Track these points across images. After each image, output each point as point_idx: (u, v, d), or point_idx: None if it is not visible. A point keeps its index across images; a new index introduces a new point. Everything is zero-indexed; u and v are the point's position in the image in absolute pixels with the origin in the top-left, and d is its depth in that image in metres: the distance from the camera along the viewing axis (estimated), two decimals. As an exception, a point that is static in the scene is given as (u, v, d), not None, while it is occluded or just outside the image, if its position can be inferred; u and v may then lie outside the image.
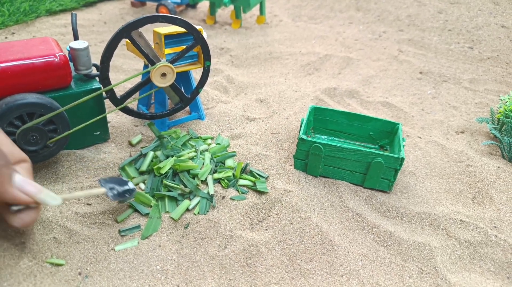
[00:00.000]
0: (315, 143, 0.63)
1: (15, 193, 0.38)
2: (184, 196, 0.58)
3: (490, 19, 1.52)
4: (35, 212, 0.40)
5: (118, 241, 0.52)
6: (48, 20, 1.40)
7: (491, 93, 1.05)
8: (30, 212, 0.40)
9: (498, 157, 0.77)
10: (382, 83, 1.08)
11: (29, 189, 0.38)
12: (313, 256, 0.52)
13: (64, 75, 0.59)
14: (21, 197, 0.38)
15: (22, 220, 0.39)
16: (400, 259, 0.54)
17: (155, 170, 0.60)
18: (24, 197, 0.38)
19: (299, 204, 0.59)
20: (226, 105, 0.88)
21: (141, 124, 0.77)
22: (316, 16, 1.71)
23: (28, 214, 0.40)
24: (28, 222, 0.40)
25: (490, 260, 0.55)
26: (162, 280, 0.47)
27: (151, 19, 0.61)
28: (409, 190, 0.66)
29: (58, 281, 0.45)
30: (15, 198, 0.38)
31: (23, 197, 0.38)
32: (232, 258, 0.51)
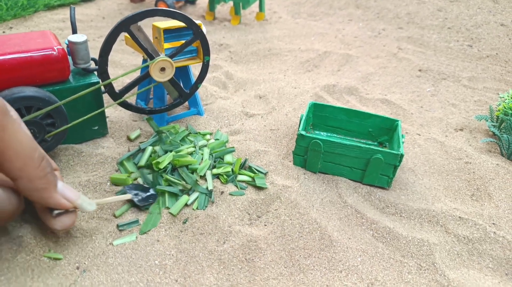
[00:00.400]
0: (314, 139, 0.63)
1: (59, 199, 0.41)
2: (184, 191, 0.58)
3: (489, 17, 1.52)
4: (73, 215, 0.44)
5: (116, 236, 0.51)
6: (46, 14, 1.39)
7: (490, 91, 1.05)
8: (70, 216, 0.43)
9: (497, 154, 0.77)
10: (381, 80, 1.08)
11: (70, 195, 0.42)
12: (312, 251, 0.52)
13: (62, 69, 0.59)
14: (63, 202, 0.41)
15: (63, 223, 0.43)
16: (399, 255, 0.53)
17: (153, 164, 0.60)
18: (66, 203, 0.41)
19: (298, 199, 0.59)
20: (225, 101, 0.88)
21: (139, 119, 0.76)
22: (315, 13, 1.70)
23: (68, 217, 0.43)
24: (68, 225, 0.43)
25: (488, 257, 0.55)
26: (161, 275, 0.47)
27: (150, 13, 0.60)
28: (408, 186, 0.66)
29: (55, 275, 0.45)
30: (58, 203, 0.41)
31: (64, 202, 0.41)
32: (231, 253, 0.51)
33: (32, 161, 0.37)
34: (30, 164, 0.37)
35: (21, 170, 0.37)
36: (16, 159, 0.36)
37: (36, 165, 0.38)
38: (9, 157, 0.36)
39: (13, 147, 0.36)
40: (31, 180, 0.38)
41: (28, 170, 0.37)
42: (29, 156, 0.37)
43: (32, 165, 0.37)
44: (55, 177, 0.41)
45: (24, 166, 0.37)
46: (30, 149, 0.37)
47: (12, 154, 0.36)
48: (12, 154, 0.36)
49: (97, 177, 0.60)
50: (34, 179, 0.38)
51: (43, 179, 0.38)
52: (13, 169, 0.36)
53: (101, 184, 0.59)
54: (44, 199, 0.40)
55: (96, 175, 0.61)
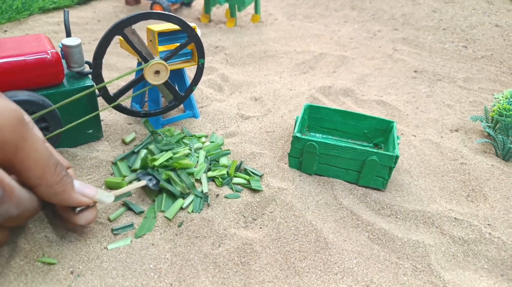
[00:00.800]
0: (309, 141, 0.63)
1: (78, 197, 0.43)
2: (183, 194, 0.58)
3: (484, 18, 1.53)
4: (94, 209, 0.46)
5: (111, 240, 0.51)
6: (41, 18, 1.39)
7: (485, 92, 1.05)
8: (91, 210, 0.45)
9: (492, 155, 0.77)
10: (377, 81, 1.08)
11: (88, 191, 0.44)
12: (307, 254, 0.52)
13: (56, 72, 0.58)
14: (82, 200, 0.43)
15: (86, 218, 0.45)
16: (394, 256, 0.53)
17: (149, 161, 0.60)
18: (85, 199, 0.43)
19: (294, 202, 0.59)
20: (221, 104, 0.88)
21: (134, 122, 0.76)
22: (311, 15, 1.71)
23: (90, 212, 0.45)
24: (91, 219, 0.45)
25: (484, 258, 0.55)
26: (155, 279, 0.47)
27: (144, 16, 0.60)
28: (403, 188, 0.66)
29: (49, 280, 0.45)
30: (78, 201, 0.42)
31: (84, 199, 0.43)
32: (226, 257, 0.50)
33: (49, 168, 0.38)
34: (48, 171, 0.38)
35: (40, 177, 0.38)
36: (35, 168, 0.37)
37: (53, 171, 0.39)
38: (29, 166, 0.37)
39: (32, 156, 0.37)
40: (50, 186, 0.39)
41: (46, 177, 0.38)
42: (46, 164, 0.38)
43: (49, 172, 0.38)
44: (71, 177, 0.42)
45: (42, 174, 0.38)
46: (47, 156, 0.38)
47: (32, 163, 0.37)
48: (31, 163, 0.37)
49: (92, 181, 0.60)
50: (52, 185, 0.39)
51: (60, 183, 0.40)
52: (32, 177, 0.37)
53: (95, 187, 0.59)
54: (64, 201, 0.41)
55: (91, 179, 0.60)
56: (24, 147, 0.36)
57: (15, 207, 0.36)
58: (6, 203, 0.35)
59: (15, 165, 0.36)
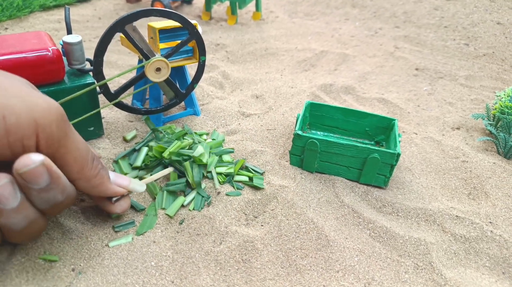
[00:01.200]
0: (311, 139, 0.63)
1: (114, 188, 0.45)
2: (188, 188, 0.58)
3: (485, 16, 1.52)
4: (128, 198, 0.48)
5: (112, 237, 0.51)
6: (42, 15, 1.39)
7: (487, 90, 1.05)
8: (126, 199, 0.47)
9: (494, 153, 0.77)
10: (378, 79, 1.08)
11: (122, 182, 0.46)
12: (308, 251, 0.52)
13: (57, 69, 0.58)
14: (118, 190, 0.45)
15: (122, 207, 0.47)
16: (396, 254, 0.53)
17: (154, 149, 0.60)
18: (121, 190, 0.45)
19: (295, 199, 0.59)
20: (222, 101, 0.88)
21: (135, 120, 0.76)
22: (312, 13, 1.70)
23: (125, 201, 0.47)
24: (126, 207, 0.48)
25: (485, 256, 0.55)
26: (157, 276, 0.47)
27: (145, 13, 0.60)
28: (405, 185, 0.66)
29: (51, 277, 0.45)
30: (114, 192, 0.44)
31: (120, 189, 0.45)
32: (227, 254, 0.50)
33: (87, 163, 0.40)
34: (86, 166, 0.40)
35: (79, 172, 0.40)
36: (75, 163, 0.39)
37: (90, 166, 0.41)
38: (69, 161, 0.38)
39: (73, 152, 0.38)
40: (88, 180, 0.41)
41: (85, 172, 0.40)
42: (85, 159, 0.40)
43: (87, 166, 0.40)
44: (106, 170, 0.44)
45: (82, 169, 0.40)
46: (86, 152, 0.40)
47: (72, 159, 0.38)
48: (71, 159, 0.38)
49: (92, 178, 0.60)
50: (90, 179, 0.41)
51: (98, 176, 0.42)
52: (72, 172, 0.39)
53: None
54: (102, 192, 0.43)
55: (92, 176, 0.60)
56: (66, 143, 0.37)
57: (61, 193, 0.37)
58: (53, 189, 0.36)
59: (56, 159, 0.37)
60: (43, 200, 0.36)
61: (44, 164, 0.34)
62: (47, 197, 0.36)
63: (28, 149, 0.35)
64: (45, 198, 0.36)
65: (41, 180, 0.34)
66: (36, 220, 0.37)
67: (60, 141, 0.37)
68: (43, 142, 0.35)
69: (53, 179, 0.35)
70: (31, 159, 0.33)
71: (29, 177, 0.34)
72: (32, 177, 0.34)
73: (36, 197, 0.36)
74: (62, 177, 0.37)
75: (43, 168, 0.34)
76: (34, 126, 0.35)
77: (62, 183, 0.37)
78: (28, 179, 0.34)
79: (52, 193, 0.36)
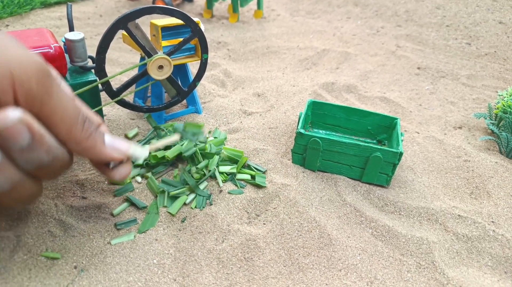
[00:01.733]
0: (313, 137, 0.63)
1: (109, 153, 0.41)
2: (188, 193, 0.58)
3: (488, 15, 1.52)
4: (129, 165, 0.45)
5: (114, 235, 0.51)
6: (43, 12, 1.38)
7: (489, 89, 1.05)
8: (126, 166, 0.44)
9: (496, 152, 0.77)
10: (380, 78, 1.08)
11: (120, 146, 0.42)
12: (311, 250, 0.52)
13: (59, 67, 0.58)
14: (114, 155, 0.41)
15: (120, 173, 0.44)
16: (398, 253, 0.53)
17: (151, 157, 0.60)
18: (118, 155, 0.41)
19: (297, 198, 0.59)
20: (224, 99, 0.87)
21: (137, 117, 0.76)
22: (314, 11, 1.70)
23: (124, 167, 0.44)
24: (125, 174, 0.44)
25: (487, 255, 0.55)
26: (159, 274, 0.47)
27: (148, 10, 0.60)
28: (407, 184, 0.66)
29: (53, 274, 0.45)
30: (110, 157, 0.41)
31: (116, 155, 0.41)
32: (230, 252, 0.50)
33: (76, 125, 0.37)
34: (75, 128, 0.37)
35: (68, 134, 0.37)
36: (62, 124, 0.36)
37: (80, 128, 0.38)
38: (55, 122, 0.35)
39: (59, 112, 0.35)
40: (78, 142, 0.38)
41: (74, 133, 0.37)
42: (74, 120, 0.37)
43: (76, 128, 0.37)
44: (101, 133, 0.41)
45: (70, 130, 0.37)
46: (74, 113, 0.37)
47: (58, 119, 0.36)
48: (57, 119, 0.35)
49: (94, 176, 0.60)
50: (80, 141, 0.38)
51: (89, 139, 0.39)
52: (60, 134, 0.36)
53: (98, 182, 0.59)
54: (95, 157, 0.40)
55: (94, 174, 0.60)
56: (50, 101, 0.34)
57: (46, 154, 0.34)
58: (36, 150, 0.33)
59: (41, 119, 0.35)
60: (26, 161, 0.33)
61: (22, 121, 0.31)
62: (30, 157, 0.33)
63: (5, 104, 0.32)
64: (29, 159, 0.33)
65: (20, 139, 0.31)
66: (23, 183, 0.34)
67: (42, 99, 0.33)
68: (22, 99, 0.32)
69: (35, 138, 0.32)
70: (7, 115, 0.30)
71: (7, 134, 0.30)
72: (11, 135, 0.31)
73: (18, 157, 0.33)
74: (46, 136, 0.34)
75: (22, 125, 0.31)
76: (10, 79, 0.31)
77: (46, 143, 0.34)
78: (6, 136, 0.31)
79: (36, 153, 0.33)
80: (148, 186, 0.59)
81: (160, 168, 0.61)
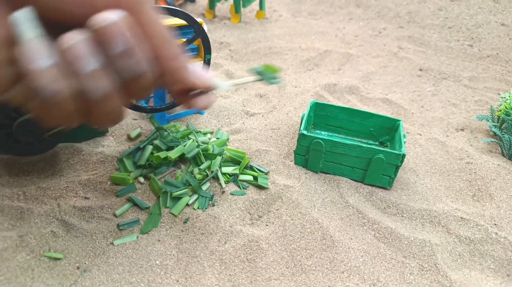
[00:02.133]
0: (316, 139, 0.63)
1: (192, 78, 0.41)
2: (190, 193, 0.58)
3: (490, 17, 1.52)
4: (209, 95, 0.44)
5: (117, 235, 0.51)
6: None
7: (491, 91, 1.05)
8: (207, 95, 0.44)
9: (498, 154, 0.77)
10: (382, 79, 1.08)
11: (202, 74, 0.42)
12: (313, 252, 0.52)
13: (63, 67, 0.58)
14: (197, 82, 0.41)
15: (202, 102, 0.43)
16: (400, 255, 0.53)
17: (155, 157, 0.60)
18: (199, 82, 0.41)
19: (300, 199, 0.59)
20: (226, 100, 0.87)
21: (140, 118, 0.76)
22: (316, 12, 1.70)
23: (206, 97, 0.44)
24: (207, 104, 0.44)
25: (490, 258, 0.55)
26: (162, 275, 0.47)
27: (151, 11, 0.60)
28: (409, 186, 0.66)
29: (56, 275, 0.45)
30: (192, 83, 0.41)
31: (197, 81, 0.41)
32: (232, 254, 0.50)
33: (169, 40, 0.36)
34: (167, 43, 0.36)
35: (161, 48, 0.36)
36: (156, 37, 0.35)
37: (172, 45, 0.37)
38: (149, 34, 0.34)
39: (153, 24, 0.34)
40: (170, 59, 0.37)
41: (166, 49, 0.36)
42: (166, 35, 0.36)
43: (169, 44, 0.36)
44: (186, 58, 0.40)
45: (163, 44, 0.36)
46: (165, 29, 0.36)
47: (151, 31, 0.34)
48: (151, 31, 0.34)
49: (97, 176, 0.60)
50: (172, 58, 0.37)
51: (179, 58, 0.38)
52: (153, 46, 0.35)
53: (101, 183, 0.59)
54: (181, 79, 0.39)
55: (97, 174, 0.60)
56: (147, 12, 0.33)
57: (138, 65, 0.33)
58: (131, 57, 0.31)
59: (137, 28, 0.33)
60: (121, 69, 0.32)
61: (125, 20, 0.30)
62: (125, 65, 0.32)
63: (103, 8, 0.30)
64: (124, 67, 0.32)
65: (119, 40, 0.30)
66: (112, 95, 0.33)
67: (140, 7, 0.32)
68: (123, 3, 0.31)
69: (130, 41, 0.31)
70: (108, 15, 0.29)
71: (107, 33, 0.29)
72: (111, 35, 0.29)
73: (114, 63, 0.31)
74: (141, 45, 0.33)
75: (124, 26, 0.30)
76: None
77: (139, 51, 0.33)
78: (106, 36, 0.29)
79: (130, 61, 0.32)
80: (151, 187, 0.59)
81: (162, 169, 0.61)
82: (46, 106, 0.27)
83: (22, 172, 0.59)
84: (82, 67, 0.28)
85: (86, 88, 0.29)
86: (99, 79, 0.30)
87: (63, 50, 0.27)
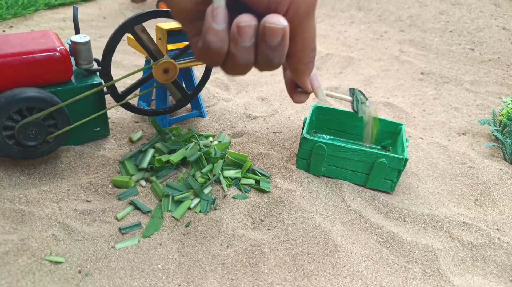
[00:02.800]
0: (318, 142, 0.62)
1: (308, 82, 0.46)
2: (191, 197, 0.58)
3: (491, 21, 1.52)
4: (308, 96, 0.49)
5: (119, 239, 0.51)
6: (47, 14, 1.39)
7: (492, 95, 1.05)
8: (306, 95, 0.49)
9: (500, 159, 0.77)
10: (384, 83, 1.08)
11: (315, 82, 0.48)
12: (316, 256, 0.52)
13: (65, 69, 0.58)
14: (308, 86, 0.47)
15: (300, 99, 0.49)
16: (403, 260, 0.53)
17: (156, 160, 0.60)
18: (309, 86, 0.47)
19: (302, 203, 0.59)
20: (227, 103, 0.87)
21: (141, 120, 0.76)
22: (317, 15, 1.70)
23: (305, 96, 0.49)
24: (303, 101, 0.49)
25: (493, 263, 0.54)
26: (164, 279, 0.47)
27: (154, 14, 0.60)
28: (411, 191, 0.66)
29: (57, 279, 0.45)
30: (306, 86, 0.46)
31: (309, 86, 0.47)
32: (234, 258, 0.50)
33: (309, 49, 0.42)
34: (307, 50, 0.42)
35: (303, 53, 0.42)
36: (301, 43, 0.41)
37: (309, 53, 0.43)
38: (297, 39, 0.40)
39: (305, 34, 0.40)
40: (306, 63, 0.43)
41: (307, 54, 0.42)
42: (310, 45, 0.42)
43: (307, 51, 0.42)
44: (314, 65, 0.46)
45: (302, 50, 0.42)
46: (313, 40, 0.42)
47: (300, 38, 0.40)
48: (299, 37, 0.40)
49: (98, 179, 0.60)
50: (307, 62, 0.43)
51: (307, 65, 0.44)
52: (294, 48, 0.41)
53: (102, 186, 0.59)
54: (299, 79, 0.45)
55: (98, 177, 0.60)
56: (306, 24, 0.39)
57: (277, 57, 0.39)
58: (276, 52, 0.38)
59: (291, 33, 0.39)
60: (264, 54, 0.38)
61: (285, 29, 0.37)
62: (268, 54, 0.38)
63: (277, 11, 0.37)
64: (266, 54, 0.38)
65: (274, 40, 0.37)
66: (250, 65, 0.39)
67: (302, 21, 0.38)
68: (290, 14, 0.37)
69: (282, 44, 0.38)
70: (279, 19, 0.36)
71: (269, 32, 0.36)
72: (270, 34, 0.36)
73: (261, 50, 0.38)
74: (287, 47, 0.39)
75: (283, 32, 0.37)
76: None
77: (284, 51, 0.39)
78: (267, 33, 0.36)
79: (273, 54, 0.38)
80: (153, 190, 0.59)
81: (164, 172, 0.61)
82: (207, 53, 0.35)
83: (24, 175, 0.58)
84: (242, 42, 0.36)
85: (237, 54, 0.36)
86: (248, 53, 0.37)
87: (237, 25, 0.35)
